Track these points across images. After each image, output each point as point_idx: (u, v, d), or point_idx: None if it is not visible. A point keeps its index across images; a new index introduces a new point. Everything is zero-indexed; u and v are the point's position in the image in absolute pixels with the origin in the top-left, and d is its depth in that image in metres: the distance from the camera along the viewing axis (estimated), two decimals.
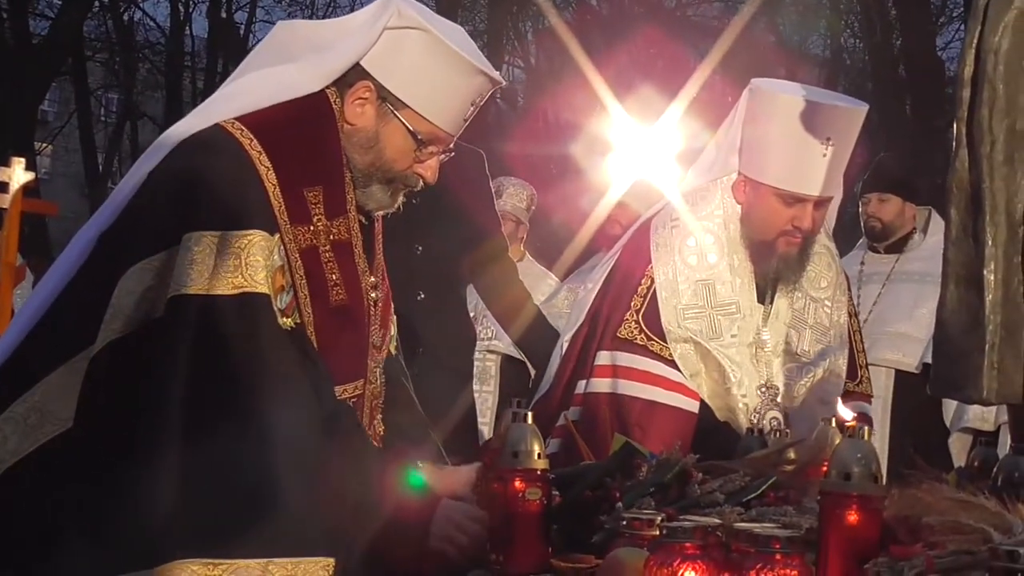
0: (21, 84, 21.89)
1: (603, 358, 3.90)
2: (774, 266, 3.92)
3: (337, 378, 2.81)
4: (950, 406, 6.00)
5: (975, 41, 2.79)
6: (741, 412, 3.84)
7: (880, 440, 5.90)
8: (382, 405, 3.06)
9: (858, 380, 4.12)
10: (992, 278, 2.71)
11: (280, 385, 2.63)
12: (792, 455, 3.03)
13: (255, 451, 2.55)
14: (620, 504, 2.67)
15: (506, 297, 5.19)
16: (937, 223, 6.22)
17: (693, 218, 3.96)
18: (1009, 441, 3.26)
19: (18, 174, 7.68)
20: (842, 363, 4.03)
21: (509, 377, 7.09)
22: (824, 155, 3.79)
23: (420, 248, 4.82)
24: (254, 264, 2.65)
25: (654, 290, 3.90)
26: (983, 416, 5.83)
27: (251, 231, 2.68)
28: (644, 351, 3.86)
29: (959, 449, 5.87)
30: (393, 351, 3.17)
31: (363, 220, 2.96)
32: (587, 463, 3.18)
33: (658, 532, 2.39)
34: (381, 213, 3.02)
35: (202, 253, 2.63)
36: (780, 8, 22.90)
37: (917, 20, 18.53)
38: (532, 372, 6.13)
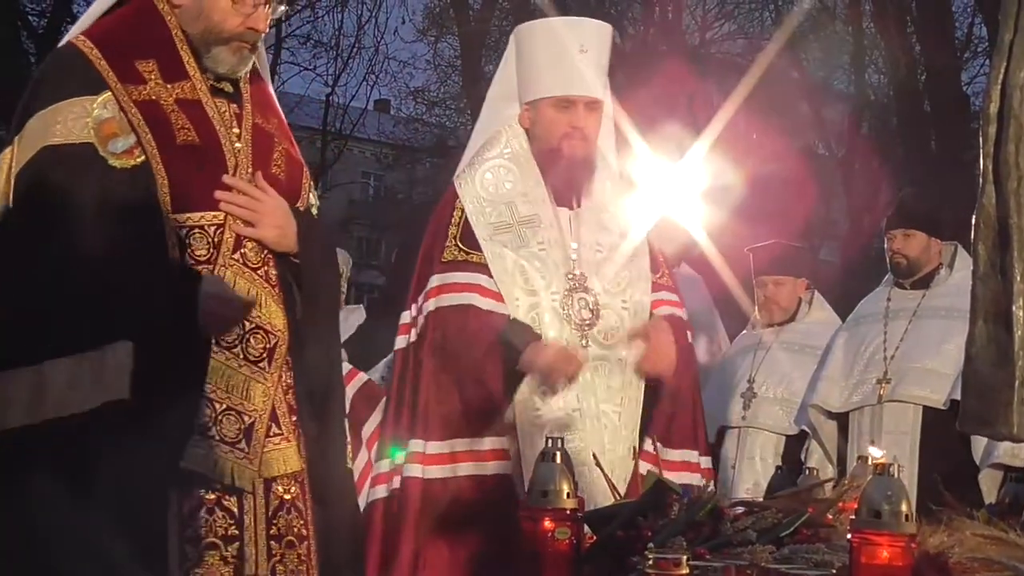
0: None
1: (433, 281, 4.40)
2: (563, 168, 4.47)
3: (196, 205, 3.32)
4: (980, 442, 5.95)
5: (1000, 77, 2.80)
6: (550, 311, 4.32)
7: (909, 477, 5.87)
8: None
9: (660, 274, 4.63)
10: (1021, 314, 2.71)
11: (80, 208, 3.16)
12: (822, 493, 3.02)
13: (47, 265, 3.12)
14: (651, 543, 2.66)
15: None
16: (963, 258, 6.19)
17: (488, 155, 4.53)
18: None
19: None
20: (645, 261, 4.56)
21: None
22: (582, 58, 4.46)
23: None
24: (73, 122, 3.24)
25: (465, 216, 4.44)
26: (1013, 452, 5.77)
27: (71, 99, 3.26)
28: (465, 264, 4.38)
29: (989, 486, 5.81)
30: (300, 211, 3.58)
31: (230, 88, 3.49)
32: (619, 502, 3.16)
33: (687, 572, 2.38)
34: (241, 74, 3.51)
35: (31, 128, 3.26)
36: (804, 44, 22.89)
37: (941, 55, 18.49)
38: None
